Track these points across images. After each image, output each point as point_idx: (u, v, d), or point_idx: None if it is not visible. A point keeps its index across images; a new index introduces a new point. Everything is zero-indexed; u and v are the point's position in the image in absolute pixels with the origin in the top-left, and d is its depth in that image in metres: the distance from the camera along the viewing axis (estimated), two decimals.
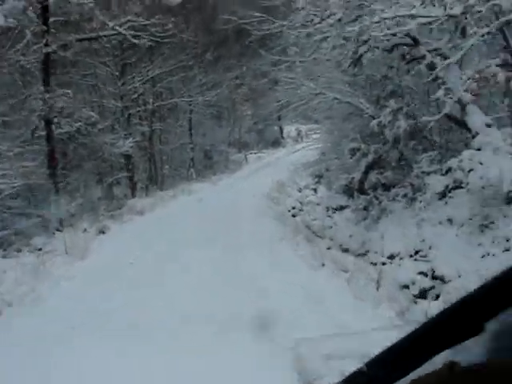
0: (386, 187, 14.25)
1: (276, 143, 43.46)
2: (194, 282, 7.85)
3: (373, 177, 14.52)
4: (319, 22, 13.41)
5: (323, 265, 9.84)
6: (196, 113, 30.90)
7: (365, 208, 14.46)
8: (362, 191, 14.93)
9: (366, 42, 11.02)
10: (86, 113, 18.01)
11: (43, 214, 13.88)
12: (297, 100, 18.09)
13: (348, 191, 15.91)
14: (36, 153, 15.38)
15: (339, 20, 12.12)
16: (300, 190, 27.47)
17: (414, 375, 0.79)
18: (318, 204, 21.58)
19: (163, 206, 19.76)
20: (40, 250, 11.04)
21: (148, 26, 18.57)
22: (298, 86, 16.94)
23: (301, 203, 22.55)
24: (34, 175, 13.88)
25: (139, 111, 24.68)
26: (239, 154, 37.78)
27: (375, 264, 10.33)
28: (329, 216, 17.96)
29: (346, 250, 12.85)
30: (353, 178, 14.96)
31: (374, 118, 13.76)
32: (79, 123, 16.63)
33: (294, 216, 18.92)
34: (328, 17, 12.80)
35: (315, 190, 27.60)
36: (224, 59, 33.23)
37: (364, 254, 12.13)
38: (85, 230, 13.72)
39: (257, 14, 17.14)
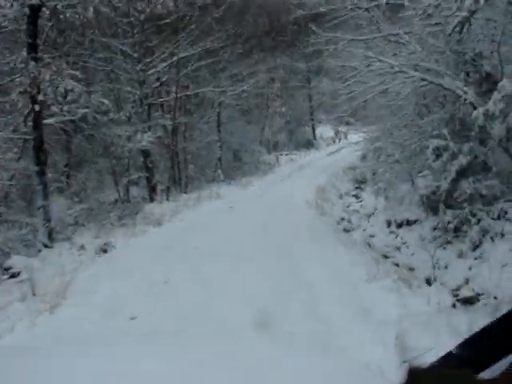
0: (488, 201, 10.33)
1: (308, 144, 39.79)
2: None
3: (467, 186, 10.56)
4: None
5: None
6: (225, 108, 27.24)
7: (456, 228, 10.54)
8: (449, 204, 11.01)
9: None
10: (97, 98, 14.35)
11: (30, 222, 10.27)
12: (346, 92, 14.48)
13: (425, 203, 12.02)
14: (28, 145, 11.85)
15: None
16: (341, 197, 23.66)
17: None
18: (370, 215, 17.76)
19: (186, 214, 16.07)
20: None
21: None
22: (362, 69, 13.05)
23: (347, 213, 18.82)
24: (20, 173, 10.29)
25: (161, 102, 21.03)
26: (269, 154, 34.04)
27: None
28: (392, 232, 14.10)
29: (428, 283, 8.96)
30: (437, 186, 10.99)
31: (474, 107, 9.90)
32: (86, 109, 12.97)
33: (346, 231, 15.09)
34: None
35: (356, 197, 23.82)
36: (256, 51, 29.43)
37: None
38: (82, 246, 10.06)
39: None
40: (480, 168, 10.62)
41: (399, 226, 13.79)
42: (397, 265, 10.24)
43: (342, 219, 16.82)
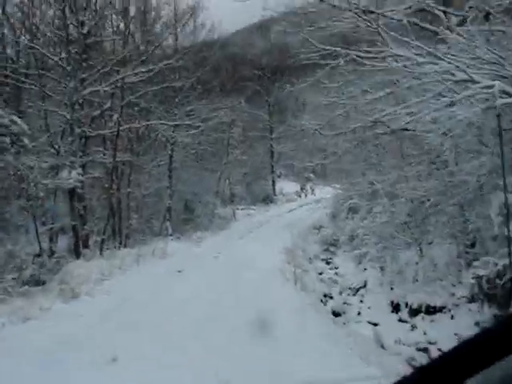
0: None
1: (267, 199, 36.44)
2: None
3: None
4: None
5: None
6: (179, 150, 23.42)
7: None
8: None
9: None
10: (6, 116, 10.10)
11: None
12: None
13: (475, 287, 8.15)
14: None
15: None
16: (310, 261, 19.85)
17: None
18: (357, 289, 13.82)
19: (118, 279, 11.78)
20: None
21: None
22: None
23: (325, 284, 14.93)
24: None
25: (102, 135, 16.82)
26: (225, 208, 30.11)
27: None
28: (403, 321, 10.07)
29: None
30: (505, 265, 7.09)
31: None
32: None
33: (336, 314, 10.96)
34: None
35: (327, 262, 20.03)
36: (217, 92, 25.83)
37: None
38: None
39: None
40: None
41: (414, 312, 9.86)
42: None
43: (325, 296, 12.79)
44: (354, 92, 13.17)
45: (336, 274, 17.27)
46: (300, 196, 37.81)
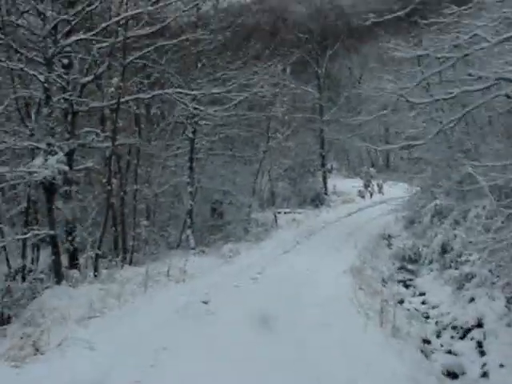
0: None
1: (317, 200, 34.59)
2: None
3: None
4: None
5: None
6: (202, 136, 21.67)
7: None
8: None
9: None
10: None
11: None
12: None
13: None
14: None
15: None
16: (384, 283, 17.56)
17: None
18: (469, 329, 11.18)
19: (111, 321, 9.58)
20: None
21: None
22: None
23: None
24: None
25: (94, 111, 14.64)
26: (263, 211, 28.28)
27: None
28: None
29: None
30: None
31: None
32: None
33: (451, 375, 8.38)
34: None
35: (406, 286, 17.66)
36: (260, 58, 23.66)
37: None
38: None
39: None
40: None
41: None
42: None
43: (424, 341, 10.21)
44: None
45: (423, 303, 14.88)
46: (363, 196, 35.58)
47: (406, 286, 17.22)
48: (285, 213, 30.73)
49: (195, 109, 17.68)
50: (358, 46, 50.64)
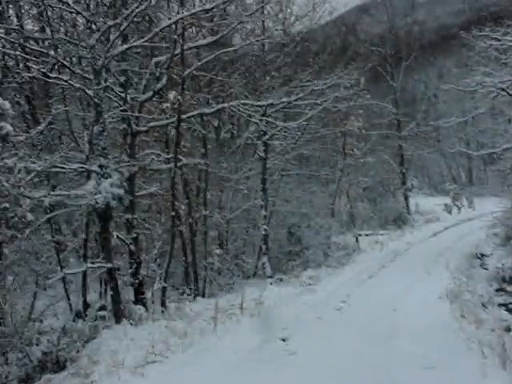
0: None
1: (399, 220, 32.34)
2: None
3: None
4: None
5: None
6: (274, 155, 19.95)
7: None
8: None
9: None
10: None
11: None
12: None
13: None
14: None
15: None
16: (485, 308, 15.42)
17: None
18: None
19: (172, 365, 8.17)
20: None
21: None
22: None
23: None
24: None
25: (153, 128, 13.45)
26: (343, 234, 26.40)
27: None
28: None
29: None
30: None
31: None
32: None
33: None
34: None
35: (509, 310, 15.52)
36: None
37: None
38: None
39: None
40: None
41: None
42: None
43: None
44: None
45: None
46: (450, 211, 33.17)
47: (509, 311, 15.27)
48: (366, 235, 28.88)
49: (266, 123, 16.22)
50: (433, 59, 48.72)
